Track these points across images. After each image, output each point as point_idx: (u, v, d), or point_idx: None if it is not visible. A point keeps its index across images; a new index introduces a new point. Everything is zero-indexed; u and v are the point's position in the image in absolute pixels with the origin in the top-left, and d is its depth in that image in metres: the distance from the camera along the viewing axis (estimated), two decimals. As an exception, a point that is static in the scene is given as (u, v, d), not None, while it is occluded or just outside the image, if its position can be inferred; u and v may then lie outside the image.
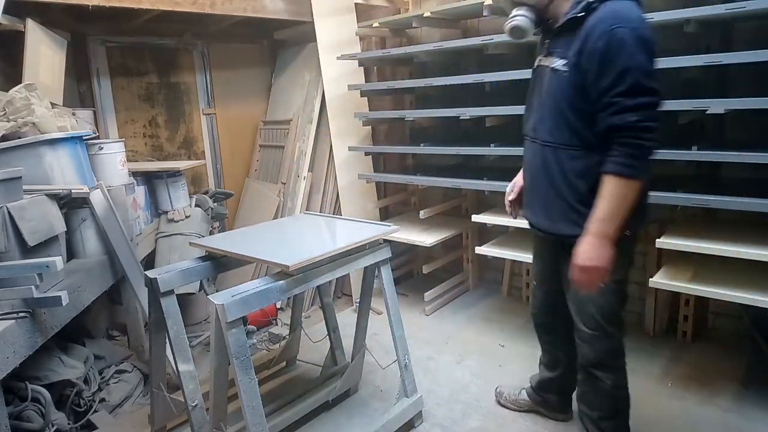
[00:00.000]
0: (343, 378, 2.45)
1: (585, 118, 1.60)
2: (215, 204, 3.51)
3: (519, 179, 2.04)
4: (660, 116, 1.52)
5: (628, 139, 1.50)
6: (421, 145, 3.18)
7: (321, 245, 1.97)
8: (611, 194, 1.53)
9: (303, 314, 3.11)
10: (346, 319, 3.24)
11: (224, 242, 2.09)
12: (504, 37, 2.69)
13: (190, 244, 2.20)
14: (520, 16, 1.67)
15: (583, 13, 1.54)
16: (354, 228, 2.25)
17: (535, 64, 1.82)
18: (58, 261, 1.75)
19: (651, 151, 1.51)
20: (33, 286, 1.73)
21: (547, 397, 2.30)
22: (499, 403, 2.45)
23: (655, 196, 2.35)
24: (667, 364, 2.72)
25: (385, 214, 3.75)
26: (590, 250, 1.58)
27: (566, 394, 2.27)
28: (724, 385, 2.49)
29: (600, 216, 1.56)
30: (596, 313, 1.77)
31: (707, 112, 2.11)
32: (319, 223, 2.45)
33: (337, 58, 3.42)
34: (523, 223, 2.72)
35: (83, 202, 2.38)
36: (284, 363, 2.79)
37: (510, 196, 2.07)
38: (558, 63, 1.63)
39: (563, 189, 1.69)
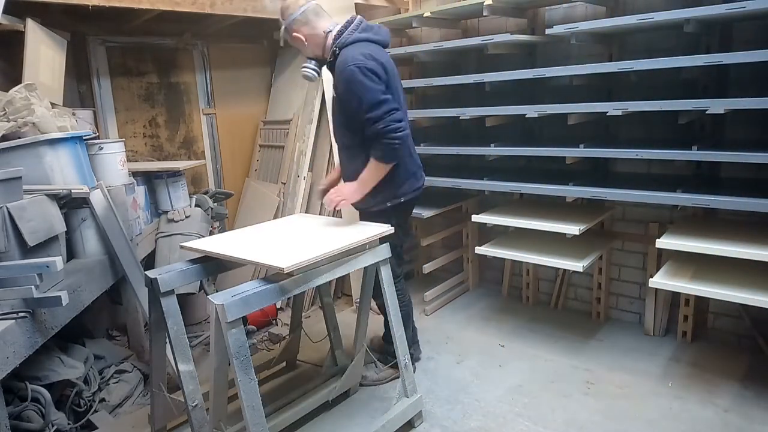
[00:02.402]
0: (343, 378, 2.45)
1: (352, 126, 2.27)
2: (215, 204, 3.50)
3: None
4: (399, 113, 2.15)
5: (382, 139, 2.16)
6: (422, 145, 3.18)
7: (317, 246, 1.97)
8: (370, 168, 2.26)
9: (303, 314, 3.11)
10: (346, 319, 3.24)
11: (218, 244, 2.08)
12: (504, 37, 2.72)
13: (181, 246, 2.19)
14: (307, 68, 2.31)
15: (332, 59, 2.24)
16: (352, 228, 2.25)
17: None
18: (58, 261, 1.75)
19: (397, 144, 2.16)
20: (33, 286, 1.73)
21: (388, 349, 2.66)
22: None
23: (656, 196, 2.36)
24: (667, 364, 2.72)
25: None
26: (346, 190, 2.33)
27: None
28: (724, 385, 2.49)
29: (361, 179, 2.29)
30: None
31: (707, 112, 2.11)
32: (317, 223, 2.45)
33: (337, 58, 3.42)
34: (523, 223, 2.73)
35: (83, 202, 2.38)
36: (284, 363, 2.79)
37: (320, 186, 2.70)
38: (334, 92, 2.32)
39: (353, 177, 2.34)
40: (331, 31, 2.26)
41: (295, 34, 2.26)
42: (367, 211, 2.42)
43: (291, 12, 2.25)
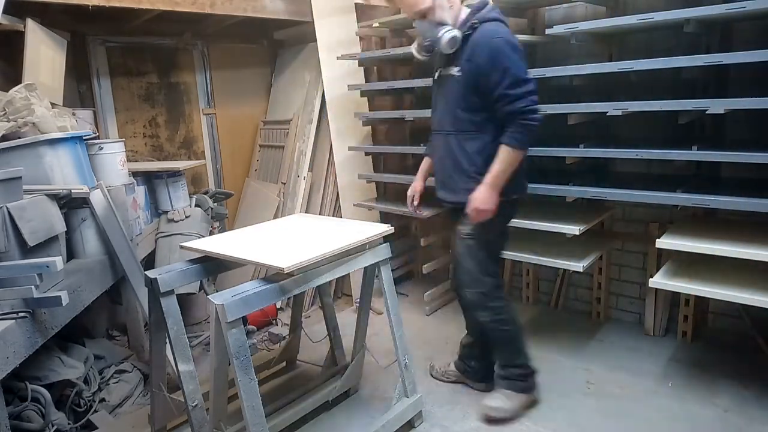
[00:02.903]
0: (343, 378, 2.45)
1: (478, 108, 2.09)
2: (215, 204, 3.51)
3: (417, 185, 2.52)
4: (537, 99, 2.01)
5: (519, 120, 1.99)
6: (421, 145, 3.17)
7: (317, 246, 1.97)
8: (503, 159, 2.04)
9: (303, 314, 3.11)
10: (346, 319, 3.24)
11: (218, 244, 2.08)
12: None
13: (181, 246, 2.18)
14: (453, 30, 2.05)
15: (469, 32, 2.05)
16: (351, 228, 2.25)
17: (436, 75, 2.28)
18: (58, 261, 1.75)
19: (535, 127, 2.01)
20: (33, 286, 1.73)
21: (469, 365, 2.53)
22: (431, 375, 2.65)
23: (656, 196, 2.36)
24: (667, 364, 2.72)
25: (386, 215, 3.75)
26: (484, 195, 2.08)
27: (486, 360, 2.49)
28: (724, 385, 2.49)
29: (494, 173, 2.06)
30: (471, 267, 2.23)
31: (707, 112, 2.11)
32: (316, 223, 2.45)
33: (337, 58, 3.42)
34: (523, 223, 2.73)
35: (83, 202, 2.38)
36: (284, 363, 2.79)
37: (415, 203, 2.53)
38: (454, 70, 2.11)
39: (464, 164, 2.16)
40: (464, 4, 2.14)
41: None
42: (461, 208, 2.18)
43: None
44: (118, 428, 2.37)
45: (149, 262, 3.02)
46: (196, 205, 3.36)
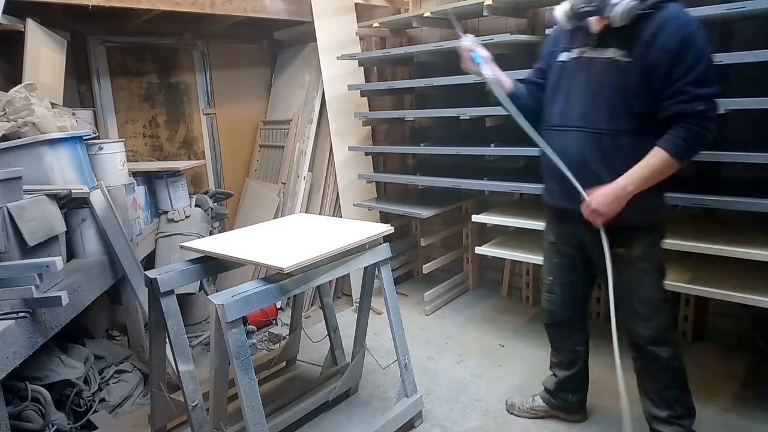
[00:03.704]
0: (343, 378, 2.45)
1: (647, 104, 1.68)
2: (215, 204, 3.51)
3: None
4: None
5: (691, 125, 1.62)
6: (421, 145, 3.18)
7: (317, 246, 1.97)
8: (653, 163, 1.66)
9: (303, 314, 3.11)
10: (346, 319, 3.24)
11: (218, 244, 2.08)
12: (504, 37, 2.71)
13: (181, 246, 2.17)
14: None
15: (651, 11, 1.63)
16: (351, 228, 2.25)
17: (570, 57, 1.83)
18: (58, 261, 1.75)
19: (708, 138, 1.63)
20: (33, 286, 1.73)
21: (566, 398, 2.26)
22: (511, 413, 2.38)
23: (655, 196, 2.35)
24: (667, 364, 2.72)
25: (386, 215, 3.75)
26: (610, 197, 1.68)
27: (584, 392, 2.29)
28: (724, 385, 2.49)
29: (634, 175, 1.67)
30: (649, 295, 1.83)
31: (707, 112, 2.10)
32: (316, 223, 2.45)
33: (337, 58, 3.42)
34: (523, 223, 2.72)
35: (83, 202, 2.38)
36: (284, 363, 2.79)
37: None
38: (617, 54, 1.69)
39: (624, 171, 1.70)
40: None
41: None
42: (624, 228, 1.75)
43: None
44: (118, 428, 2.37)
45: (149, 262, 3.02)
46: (196, 205, 3.36)
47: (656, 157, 1.66)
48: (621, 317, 1.79)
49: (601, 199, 1.70)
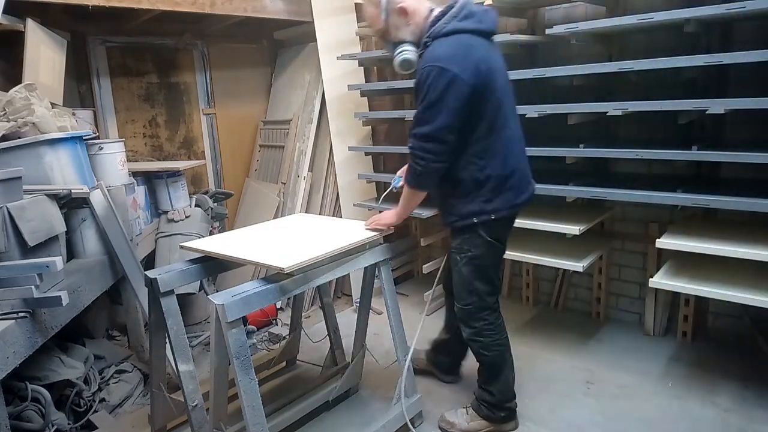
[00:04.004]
0: (343, 378, 2.45)
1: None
2: (215, 204, 3.51)
3: None
4: (438, 146, 1.85)
5: (410, 160, 1.93)
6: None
7: (317, 246, 1.97)
8: (404, 192, 2.09)
9: (303, 314, 3.11)
10: (346, 319, 3.24)
11: (218, 244, 2.08)
12: (504, 37, 2.71)
13: (181, 246, 2.17)
14: (407, 51, 1.92)
15: (423, 50, 1.88)
16: (351, 228, 2.25)
17: None
18: (58, 261, 1.75)
19: (420, 172, 1.91)
20: (33, 286, 1.73)
21: (439, 358, 2.58)
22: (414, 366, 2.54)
23: (655, 196, 2.36)
24: (667, 364, 2.72)
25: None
26: (386, 216, 2.16)
27: (456, 357, 2.58)
28: (724, 385, 2.49)
29: (400, 203, 2.12)
30: (459, 280, 2.13)
31: (707, 112, 2.11)
32: (316, 223, 2.45)
33: (337, 58, 3.42)
34: (523, 223, 2.73)
35: (83, 202, 2.38)
36: (284, 363, 2.79)
37: None
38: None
39: (445, 191, 2.06)
40: (433, 10, 1.90)
41: (402, 5, 1.87)
42: (452, 227, 2.10)
43: None
44: (118, 428, 2.37)
45: (149, 262, 3.02)
46: (196, 205, 3.36)
47: (405, 188, 2.06)
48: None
49: (384, 218, 2.16)
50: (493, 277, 2.14)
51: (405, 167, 2.22)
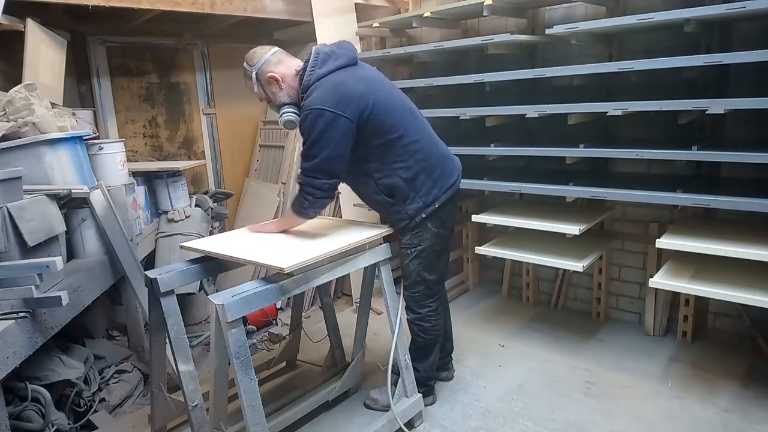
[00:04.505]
0: (343, 378, 2.45)
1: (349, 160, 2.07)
2: (215, 204, 3.51)
3: None
4: (325, 182, 2.00)
5: (299, 189, 2.04)
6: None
7: (317, 246, 1.97)
8: (285, 214, 2.28)
9: (303, 314, 3.11)
10: (346, 319, 3.24)
11: (218, 244, 2.08)
12: (504, 37, 2.72)
13: (181, 246, 2.18)
14: (288, 112, 2.08)
15: (304, 95, 2.03)
16: (351, 228, 2.25)
17: None
18: (58, 261, 1.75)
19: (307, 206, 2.04)
20: (33, 286, 1.73)
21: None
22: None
23: (655, 196, 2.36)
24: (667, 364, 2.72)
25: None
26: (268, 226, 2.26)
27: (447, 353, 2.64)
28: (724, 385, 2.49)
29: (281, 218, 2.33)
30: (407, 270, 2.26)
31: (707, 112, 2.11)
32: (316, 223, 2.45)
33: (337, 58, 3.41)
34: (523, 223, 2.73)
35: (83, 202, 2.38)
36: (284, 363, 2.79)
37: None
38: None
39: (381, 202, 2.20)
40: (297, 70, 2.08)
41: (270, 74, 2.04)
42: (404, 227, 2.20)
43: (261, 54, 2.08)
44: (118, 428, 2.38)
45: (149, 262, 3.02)
46: (196, 205, 3.36)
47: (289, 211, 2.16)
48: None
49: (268, 225, 2.27)
50: (441, 267, 2.30)
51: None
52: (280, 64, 2.08)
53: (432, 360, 2.40)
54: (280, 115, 2.10)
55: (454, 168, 2.26)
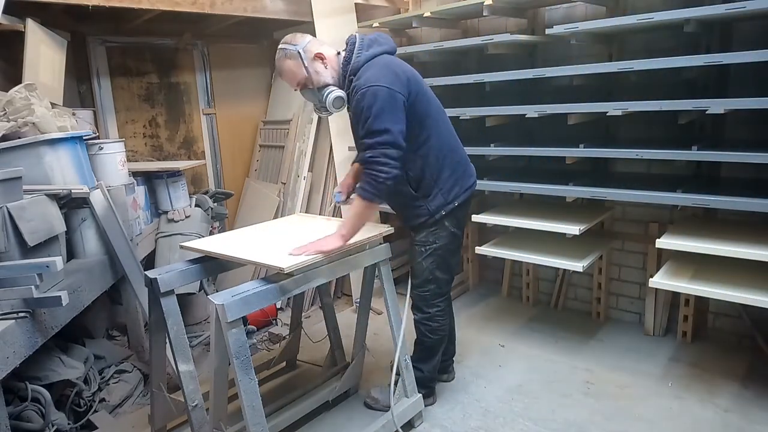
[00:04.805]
0: (343, 378, 2.45)
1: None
2: (215, 204, 3.51)
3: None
4: (396, 151, 1.95)
5: (367, 171, 1.97)
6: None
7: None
8: (354, 207, 2.03)
9: (303, 314, 3.11)
10: (346, 319, 3.24)
11: (218, 244, 2.08)
12: (504, 37, 2.72)
13: (181, 246, 2.17)
14: (334, 89, 2.07)
15: (348, 86, 2.06)
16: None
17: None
18: (58, 261, 1.75)
19: (382, 179, 1.94)
20: (33, 286, 1.73)
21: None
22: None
23: (656, 196, 2.36)
24: (667, 364, 2.72)
25: (386, 215, 3.75)
26: (328, 241, 1.98)
27: (450, 356, 2.65)
28: (724, 385, 2.49)
29: (344, 221, 2.07)
30: (418, 269, 2.26)
31: (707, 112, 2.11)
32: (316, 223, 2.45)
33: (337, 58, 3.42)
34: (523, 223, 2.73)
35: (83, 202, 2.37)
36: (284, 363, 2.79)
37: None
38: (349, 115, 2.15)
39: (403, 196, 2.18)
40: (339, 53, 2.11)
41: (317, 52, 2.05)
42: (422, 224, 2.20)
43: (302, 36, 2.11)
44: (118, 428, 2.37)
45: (149, 262, 3.02)
46: (196, 205, 3.36)
47: (356, 202, 2.02)
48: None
49: (321, 242, 1.97)
50: (453, 266, 2.33)
51: (345, 182, 2.39)
52: (323, 45, 2.10)
53: (436, 361, 2.41)
54: (325, 96, 2.06)
55: (472, 170, 2.32)
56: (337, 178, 3.65)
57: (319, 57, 2.06)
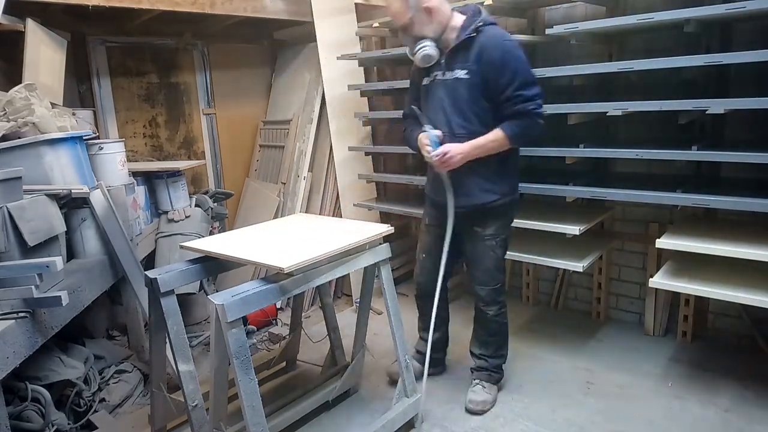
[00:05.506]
0: (343, 378, 2.45)
1: (489, 107, 2.12)
2: (215, 204, 3.51)
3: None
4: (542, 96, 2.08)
5: (528, 119, 2.06)
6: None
7: (317, 246, 1.97)
8: (492, 139, 2.09)
9: (303, 314, 3.11)
10: (346, 319, 3.24)
11: (218, 244, 2.08)
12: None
13: (181, 246, 2.17)
14: (427, 46, 2.10)
15: (474, 34, 2.07)
16: (351, 228, 2.25)
17: (429, 80, 2.25)
18: (58, 261, 1.75)
19: (538, 130, 2.09)
20: (33, 286, 1.73)
21: (433, 356, 2.45)
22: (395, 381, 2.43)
23: (656, 196, 2.36)
24: (667, 364, 2.72)
25: (386, 215, 3.75)
26: (462, 150, 2.09)
27: (445, 349, 2.73)
28: (724, 385, 2.49)
29: (477, 143, 2.10)
30: (489, 266, 2.30)
31: (707, 112, 2.11)
32: (316, 223, 2.45)
33: (337, 58, 3.42)
34: (523, 223, 2.73)
35: (83, 202, 2.38)
36: (284, 363, 2.79)
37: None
38: (460, 73, 2.12)
39: (479, 167, 2.16)
40: (454, 12, 2.16)
41: (426, 5, 2.05)
42: (488, 206, 2.21)
43: None
44: (118, 428, 2.37)
45: (149, 262, 3.02)
46: (196, 205, 3.36)
47: (497, 135, 2.08)
48: (472, 280, 2.38)
49: (454, 148, 2.09)
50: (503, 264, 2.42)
51: (436, 132, 2.19)
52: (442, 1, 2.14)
53: (507, 340, 2.52)
54: (418, 48, 2.10)
55: None
56: (337, 178, 3.65)
57: (428, 11, 2.07)
